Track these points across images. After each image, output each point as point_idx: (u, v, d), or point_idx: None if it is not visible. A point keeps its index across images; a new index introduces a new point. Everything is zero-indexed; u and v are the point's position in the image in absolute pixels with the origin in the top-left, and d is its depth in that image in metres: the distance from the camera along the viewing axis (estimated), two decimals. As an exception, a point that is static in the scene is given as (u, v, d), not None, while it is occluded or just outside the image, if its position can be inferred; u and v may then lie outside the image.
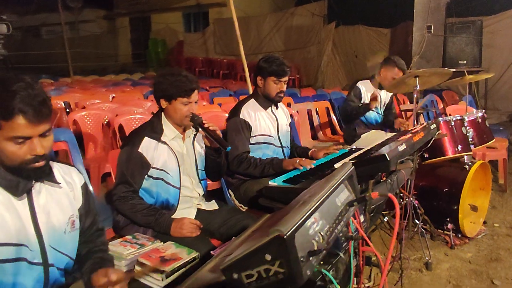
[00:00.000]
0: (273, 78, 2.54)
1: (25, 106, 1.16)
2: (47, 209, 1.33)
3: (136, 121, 3.75)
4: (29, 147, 1.21)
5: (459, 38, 6.66)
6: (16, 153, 1.20)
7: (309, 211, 0.67)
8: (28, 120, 1.17)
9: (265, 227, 0.82)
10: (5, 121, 1.16)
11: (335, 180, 0.82)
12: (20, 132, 1.17)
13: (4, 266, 1.24)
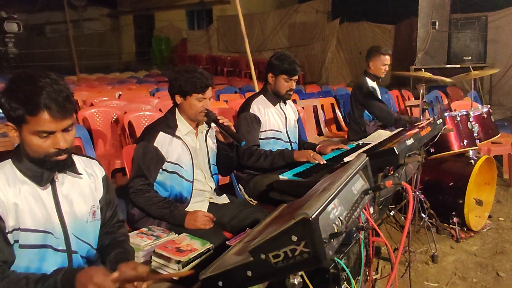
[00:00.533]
0: (284, 76, 2.60)
1: (50, 102, 1.21)
2: (70, 199, 1.39)
3: (145, 118, 3.81)
4: (52, 141, 1.26)
5: (464, 34, 6.68)
6: (41, 146, 1.26)
7: (330, 197, 0.72)
8: (53, 116, 1.22)
9: (286, 214, 0.87)
10: (31, 116, 1.21)
11: (351, 170, 0.87)
12: (44, 127, 1.23)
13: (32, 252, 1.31)
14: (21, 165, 1.31)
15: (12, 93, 1.22)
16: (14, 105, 1.21)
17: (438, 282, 2.51)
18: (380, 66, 3.63)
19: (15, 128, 1.26)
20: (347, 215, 0.79)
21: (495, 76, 6.98)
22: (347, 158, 1.98)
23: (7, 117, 1.25)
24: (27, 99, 1.20)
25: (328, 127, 5.21)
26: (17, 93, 1.22)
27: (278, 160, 2.49)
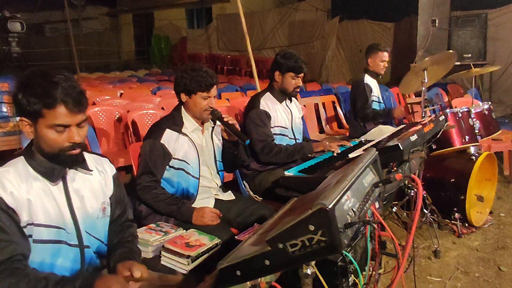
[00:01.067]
0: (291, 74, 2.64)
1: (66, 97, 1.25)
2: (81, 195, 1.42)
3: (148, 116, 3.83)
4: (67, 135, 1.30)
5: (464, 32, 6.70)
6: (56, 140, 1.29)
7: (344, 189, 0.75)
8: (69, 110, 1.26)
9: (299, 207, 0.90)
10: (48, 110, 1.25)
11: (362, 163, 0.90)
12: (61, 120, 1.26)
13: (46, 247, 1.34)
14: (33, 161, 1.34)
15: (29, 88, 1.26)
16: (32, 100, 1.24)
17: (441, 277, 2.54)
18: (379, 62, 3.69)
19: (30, 123, 1.29)
20: (359, 207, 0.82)
21: (495, 74, 7.00)
22: (352, 155, 2.01)
23: (22, 112, 1.28)
24: (44, 94, 1.24)
25: (329, 124, 5.24)
26: (34, 88, 1.25)
27: (298, 154, 2.56)
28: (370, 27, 10.78)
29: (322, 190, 0.88)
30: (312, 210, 0.67)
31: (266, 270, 0.76)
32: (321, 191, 0.87)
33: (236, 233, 2.06)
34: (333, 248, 0.67)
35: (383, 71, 3.73)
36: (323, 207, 0.66)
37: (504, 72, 6.96)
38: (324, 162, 2.29)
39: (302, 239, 0.69)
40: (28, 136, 1.32)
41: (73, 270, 1.41)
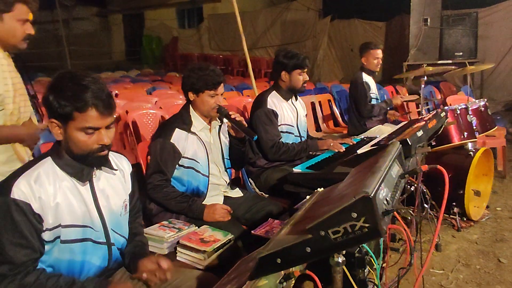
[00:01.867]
0: (298, 71, 2.70)
1: (97, 100, 1.27)
2: (106, 194, 1.44)
3: (148, 116, 3.85)
4: (97, 137, 1.32)
5: (455, 30, 6.82)
6: (86, 142, 1.31)
7: (380, 179, 0.79)
8: (100, 113, 1.28)
9: (334, 197, 0.94)
10: (79, 113, 1.27)
11: (391, 155, 0.94)
12: (91, 123, 1.28)
13: (74, 246, 1.36)
14: (61, 162, 1.36)
15: (60, 92, 1.27)
16: (63, 103, 1.26)
17: (443, 269, 2.60)
18: (372, 60, 3.80)
19: (60, 125, 1.31)
20: (391, 196, 0.86)
21: (485, 71, 7.14)
22: (360, 151, 2.05)
23: (53, 114, 1.30)
24: (75, 97, 1.26)
25: (326, 123, 5.30)
26: (64, 92, 1.27)
27: (304, 152, 2.63)
28: (362, 27, 10.88)
29: (353, 182, 0.92)
30: (355, 198, 0.71)
31: (307, 257, 0.80)
32: (353, 182, 0.91)
33: (246, 229, 2.10)
34: (376, 234, 0.71)
35: (378, 68, 3.83)
36: (366, 195, 0.70)
37: (494, 70, 7.10)
38: (330, 159, 2.33)
39: (345, 226, 0.72)
40: (57, 137, 1.34)
41: (100, 267, 1.44)
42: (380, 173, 0.80)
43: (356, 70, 4.25)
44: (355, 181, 0.91)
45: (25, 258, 1.26)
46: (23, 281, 1.24)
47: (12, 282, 1.23)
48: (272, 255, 0.82)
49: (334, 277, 1.01)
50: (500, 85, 7.25)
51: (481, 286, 2.42)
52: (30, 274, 1.26)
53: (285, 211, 2.31)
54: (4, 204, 1.24)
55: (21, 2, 1.76)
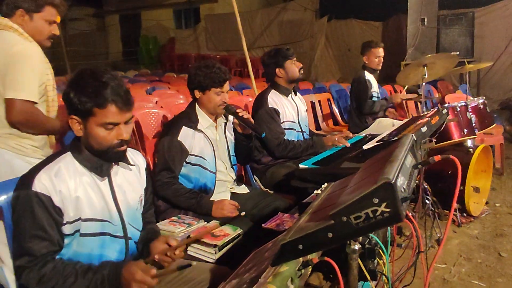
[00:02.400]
0: (290, 61, 2.77)
1: (116, 96, 1.30)
2: (123, 189, 1.48)
3: (151, 115, 3.87)
4: (116, 133, 1.35)
5: (452, 30, 6.90)
6: (106, 138, 1.34)
7: (398, 168, 0.83)
8: (119, 109, 1.31)
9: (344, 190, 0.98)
10: (99, 109, 1.30)
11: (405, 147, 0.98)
12: (111, 119, 1.31)
13: (92, 240, 1.39)
14: (80, 157, 1.39)
15: (81, 88, 1.30)
16: (84, 99, 1.29)
17: (446, 263, 2.65)
18: (374, 59, 3.86)
19: (80, 121, 1.34)
20: (407, 185, 0.90)
21: (482, 70, 7.23)
22: (366, 146, 2.09)
23: (73, 110, 1.33)
24: (95, 93, 1.29)
25: (325, 121, 5.34)
26: (85, 88, 1.30)
27: (311, 149, 2.67)
28: (359, 27, 10.95)
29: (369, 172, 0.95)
30: (377, 185, 0.74)
31: (329, 242, 0.83)
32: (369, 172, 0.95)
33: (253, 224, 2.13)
34: (396, 218, 0.75)
35: (379, 66, 3.87)
36: (387, 181, 0.74)
37: (490, 69, 7.18)
38: (336, 155, 2.37)
39: (366, 211, 0.76)
40: (78, 133, 1.36)
41: (118, 260, 1.47)
42: (398, 162, 0.84)
43: (353, 70, 4.31)
44: (372, 171, 0.95)
45: (44, 250, 1.29)
46: (42, 270, 1.27)
47: (31, 272, 1.26)
48: (294, 241, 0.86)
49: (351, 264, 1.04)
50: (496, 84, 7.34)
51: (483, 279, 2.46)
52: (48, 264, 1.29)
53: (291, 206, 2.35)
54: (26, 196, 1.27)
55: (51, 5, 1.95)
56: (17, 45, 1.85)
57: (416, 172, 1.06)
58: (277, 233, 1.64)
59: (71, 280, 1.28)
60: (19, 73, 1.83)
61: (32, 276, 1.26)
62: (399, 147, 0.97)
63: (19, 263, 1.27)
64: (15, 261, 1.28)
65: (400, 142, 1.02)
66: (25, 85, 1.83)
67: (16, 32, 1.88)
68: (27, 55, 1.86)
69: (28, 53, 1.87)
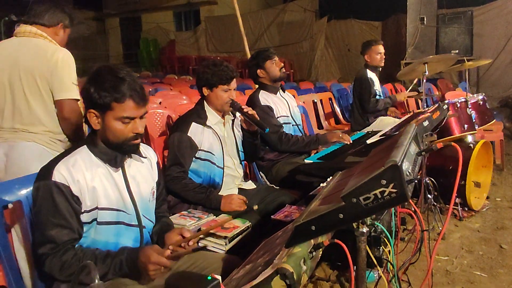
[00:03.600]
0: (269, 62, 2.85)
1: (133, 91, 1.38)
2: (137, 180, 1.54)
3: (156, 115, 3.93)
4: (132, 127, 1.42)
5: (451, 29, 6.97)
6: (122, 131, 1.41)
7: (403, 152, 0.89)
8: (136, 103, 1.39)
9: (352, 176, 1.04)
10: (117, 103, 1.37)
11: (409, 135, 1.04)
12: (128, 113, 1.39)
13: (109, 228, 1.46)
14: (96, 150, 1.46)
15: (100, 83, 1.38)
16: (103, 94, 1.36)
17: (448, 256, 2.71)
18: (375, 56, 3.91)
19: (98, 115, 1.41)
20: (411, 170, 0.96)
21: (481, 68, 7.29)
22: (370, 140, 2.16)
23: (92, 105, 1.40)
24: (114, 88, 1.36)
25: (327, 120, 5.40)
26: (104, 83, 1.37)
27: (314, 144, 2.73)
28: (358, 27, 11.03)
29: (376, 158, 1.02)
30: (385, 167, 0.80)
31: (340, 222, 0.90)
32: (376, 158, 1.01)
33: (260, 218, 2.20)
34: (403, 198, 0.81)
35: (382, 63, 3.93)
36: (394, 164, 0.80)
37: (490, 67, 7.25)
38: (340, 150, 2.44)
39: (375, 192, 0.82)
40: (95, 126, 1.43)
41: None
42: (403, 148, 0.90)
43: (353, 70, 4.37)
44: (378, 158, 1.01)
45: (66, 238, 1.35)
46: (63, 257, 1.34)
47: (54, 259, 1.33)
48: (308, 223, 0.92)
49: (359, 247, 1.11)
50: (495, 81, 7.41)
51: (484, 270, 2.52)
52: (69, 251, 1.35)
53: (296, 201, 2.41)
54: (46, 186, 1.34)
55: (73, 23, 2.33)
56: (56, 52, 2.07)
57: (420, 159, 1.12)
58: (286, 224, 1.70)
59: None
60: (65, 77, 2.07)
61: (55, 262, 1.33)
62: (404, 134, 1.03)
63: (42, 250, 1.34)
64: (38, 249, 1.34)
65: (405, 130, 1.08)
66: (70, 86, 2.07)
67: (46, 40, 2.12)
68: (67, 60, 2.10)
69: (67, 59, 2.10)
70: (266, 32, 13.42)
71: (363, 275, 1.12)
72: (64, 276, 1.35)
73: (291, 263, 0.92)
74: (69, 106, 2.06)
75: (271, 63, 2.85)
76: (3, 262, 1.47)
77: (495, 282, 2.39)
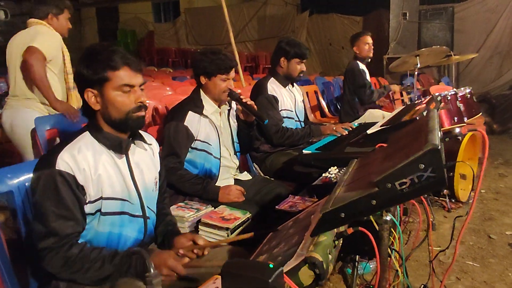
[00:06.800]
0: (297, 60, 2.77)
1: (128, 59, 1.33)
2: (140, 168, 1.47)
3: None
4: (134, 96, 1.35)
5: (433, 24, 7.07)
6: (124, 102, 1.34)
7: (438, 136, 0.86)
8: (132, 70, 1.34)
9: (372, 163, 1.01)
10: (113, 72, 1.31)
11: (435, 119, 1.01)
12: (126, 80, 1.33)
13: (112, 218, 1.38)
14: (99, 135, 1.37)
15: (93, 59, 1.32)
16: (97, 66, 1.30)
17: (440, 246, 2.74)
18: (363, 46, 3.94)
19: (95, 93, 1.33)
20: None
21: (461, 64, 7.44)
22: (370, 131, 2.14)
23: (88, 83, 1.33)
24: (108, 59, 1.31)
25: (313, 113, 5.39)
26: (97, 57, 1.32)
27: (308, 137, 2.71)
28: (340, 21, 11.07)
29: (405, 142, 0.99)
30: (423, 151, 0.77)
31: (372, 209, 0.86)
32: (405, 142, 0.98)
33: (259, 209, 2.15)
34: (441, 183, 0.78)
35: (370, 53, 3.94)
36: (434, 147, 0.77)
37: (469, 63, 7.40)
38: (337, 141, 2.41)
39: (412, 177, 0.79)
40: (95, 106, 1.35)
41: (137, 240, 1.46)
42: (436, 131, 0.87)
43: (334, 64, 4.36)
44: (404, 142, 0.98)
45: (70, 231, 1.27)
46: (68, 253, 1.25)
47: (57, 254, 1.24)
48: (337, 210, 0.88)
49: (382, 234, 1.08)
50: (474, 77, 7.58)
51: (476, 260, 2.56)
52: (74, 246, 1.27)
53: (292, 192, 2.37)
54: (50, 175, 1.25)
55: (66, 7, 2.87)
56: (43, 28, 2.71)
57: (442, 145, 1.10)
58: (290, 214, 1.66)
59: (98, 265, 1.27)
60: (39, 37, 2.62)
61: (58, 257, 1.24)
62: (430, 120, 1.00)
63: (44, 244, 1.24)
64: (40, 242, 1.24)
65: (429, 115, 1.06)
66: (41, 42, 2.60)
67: (44, 25, 2.73)
68: (46, 32, 2.69)
69: (47, 31, 2.70)
70: (248, 25, 13.33)
71: (385, 265, 1.09)
72: (66, 273, 1.27)
73: (319, 251, 0.88)
74: (31, 50, 2.54)
75: (297, 63, 2.80)
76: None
77: (487, 272, 2.43)
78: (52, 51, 2.69)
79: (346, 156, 2.05)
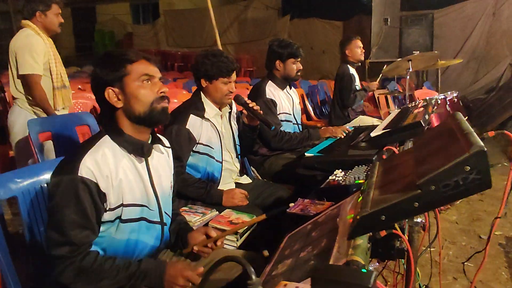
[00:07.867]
0: (292, 60, 2.76)
1: (143, 53, 1.35)
2: (159, 172, 1.43)
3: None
4: (155, 86, 1.33)
5: (414, 30, 7.25)
6: (147, 93, 1.31)
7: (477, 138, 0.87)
8: (150, 60, 1.33)
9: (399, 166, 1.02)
10: (131, 65, 1.29)
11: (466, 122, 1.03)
12: (146, 70, 1.31)
13: (131, 225, 1.34)
14: (120, 139, 1.32)
15: (109, 59, 1.32)
16: (115, 63, 1.29)
17: (434, 247, 2.79)
18: (356, 49, 3.98)
19: (116, 90, 1.30)
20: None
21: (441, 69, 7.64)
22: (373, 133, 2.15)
23: (105, 83, 1.30)
24: (124, 55, 1.31)
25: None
26: (113, 57, 1.32)
27: (306, 140, 2.72)
28: (321, 25, 11.22)
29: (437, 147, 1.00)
30: (469, 153, 0.78)
31: (414, 211, 0.86)
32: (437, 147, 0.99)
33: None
34: (486, 185, 0.79)
35: (362, 57, 3.99)
36: (481, 149, 0.78)
37: (448, 67, 7.62)
38: (338, 144, 2.43)
39: (456, 179, 0.80)
40: (117, 104, 1.31)
41: (153, 247, 1.42)
42: (474, 134, 0.89)
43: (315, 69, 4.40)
44: (440, 145, 0.99)
45: (85, 240, 1.22)
46: (82, 263, 1.20)
47: (72, 264, 1.19)
48: (377, 212, 0.88)
49: (413, 237, 1.08)
50: (452, 82, 7.80)
51: (470, 260, 2.62)
52: (88, 256, 1.22)
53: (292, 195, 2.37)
54: (71, 182, 1.19)
55: (54, 3, 2.80)
56: (26, 38, 2.70)
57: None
58: (303, 217, 1.65)
59: (112, 275, 1.23)
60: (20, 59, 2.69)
61: (72, 268, 1.19)
62: (461, 122, 1.01)
63: (60, 252, 1.19)
64: (54, 250, 1.19)
65: (456, 118, 1.07)
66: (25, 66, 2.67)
67: (30, 28, 2.73)
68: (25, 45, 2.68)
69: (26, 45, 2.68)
70: (229, 28, 13.32)
71: (415, 268, 1.09)
72: (78, 284, 1.21)
73: (359, 255, 0.88)
74: (24, 81, 2.69)
75: (292, 62, 2.79)
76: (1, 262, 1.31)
77: (481, 271, 2.48)
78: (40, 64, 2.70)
79: (350, 159, 2.06)
